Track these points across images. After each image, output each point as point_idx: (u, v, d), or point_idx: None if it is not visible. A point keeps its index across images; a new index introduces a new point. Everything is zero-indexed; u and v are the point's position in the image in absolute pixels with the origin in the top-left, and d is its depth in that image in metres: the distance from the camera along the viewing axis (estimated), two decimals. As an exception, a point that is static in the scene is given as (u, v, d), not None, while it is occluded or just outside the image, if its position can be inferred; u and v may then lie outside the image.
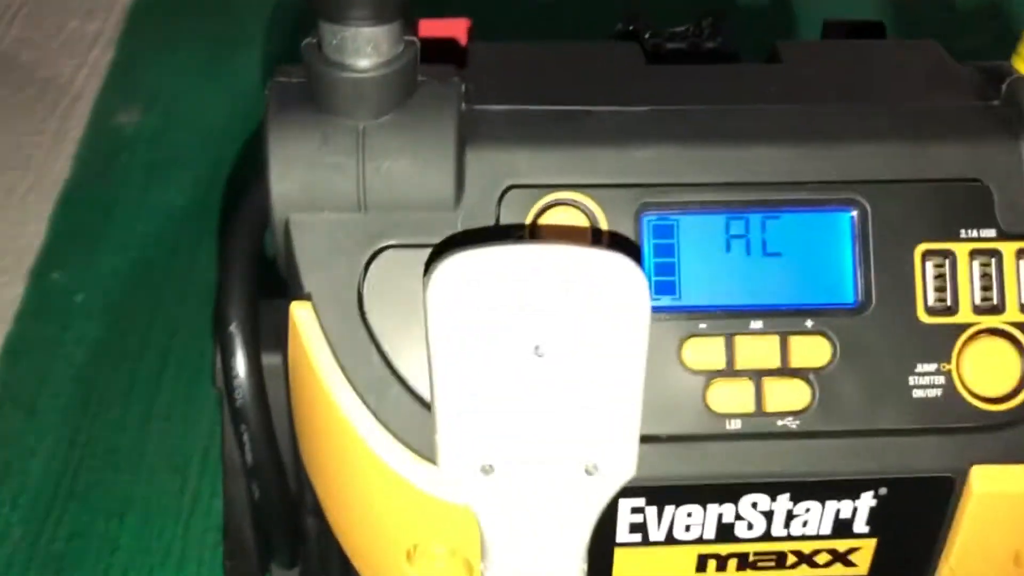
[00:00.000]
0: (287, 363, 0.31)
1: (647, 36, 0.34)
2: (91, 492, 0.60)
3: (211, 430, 0.64)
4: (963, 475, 0.29)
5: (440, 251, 0.26)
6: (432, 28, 0.32)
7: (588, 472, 0.24)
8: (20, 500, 0.59)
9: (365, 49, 0.26)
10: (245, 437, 0.32)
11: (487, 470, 0.24)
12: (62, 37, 0.95)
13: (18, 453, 0.62)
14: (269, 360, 0.32)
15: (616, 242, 0.28)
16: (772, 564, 0.30)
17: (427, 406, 0.27)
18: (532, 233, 0.28)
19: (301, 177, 0.27)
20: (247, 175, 0.72)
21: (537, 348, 0.23)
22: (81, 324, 0.70)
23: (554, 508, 0.24)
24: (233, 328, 0.31)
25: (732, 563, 0.30)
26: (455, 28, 0.33)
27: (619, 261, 0.23)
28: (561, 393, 0.23)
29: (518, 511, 0.24)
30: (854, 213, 0.29)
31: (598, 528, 0.27)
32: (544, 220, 0.28)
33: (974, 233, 0.29)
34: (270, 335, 0.32)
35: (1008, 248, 0.29)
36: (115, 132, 0.85)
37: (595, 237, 0.28)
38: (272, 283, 0.34)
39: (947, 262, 0.29)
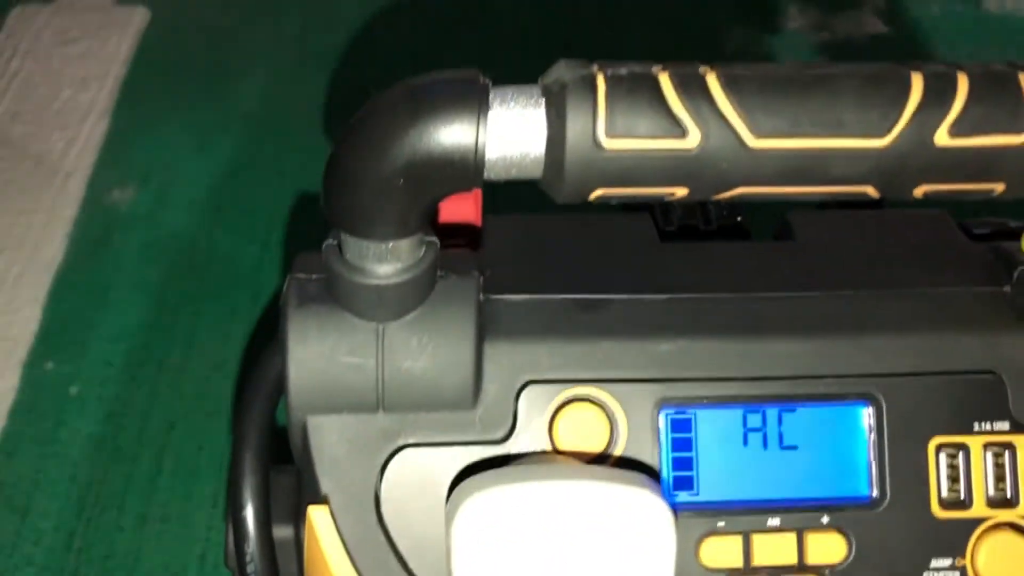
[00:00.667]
0: (300, 541, 0.31)
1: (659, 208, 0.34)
2: (87, 602, 0.59)
3: (207, 534, 0.64)
4: (980, 672, 0.29)
5: (463, 476, 0.26)
6: (448, 209, 0.32)
7: None
8: (13, 612, 0.59)
9: (386, 258, 0.27)
10: (257, 618, 0.31)
11: None
12: (55, 107, 0.95)
13: (14, 561, 0.61)
14: (281, 533, 0.32)
15: (634, 447, 0.28)
16: None
17: (445, 608, 0.27)
18: (550, 433, 0.28)
19: (320, 379, 0.27)
20: (259, 347, 0.71)
21: (563, 584, 0.23)
22: (75, 419, 0.70)
23: None
24: (247, 511, 0.31)
25: None
26: (466, 200, 0.33)
27: (646, 498, 0.23)
28: (587, 632, 0.23)
29: None
30: (869, 407, 0.29)
31: None
32: (562, 417, 0.28)
33: (988, 426, 0.29)
34: (280, 505, 0.32)
35: (1022, 441, 0.29)
36: (109, 211, 0.85)
37: (612, 439, 0.28)
38: (283, 448, 0.34)
39: (960, 455, 0.29)
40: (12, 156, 0.90)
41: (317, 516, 0.28)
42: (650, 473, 0.28)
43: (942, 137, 0.25)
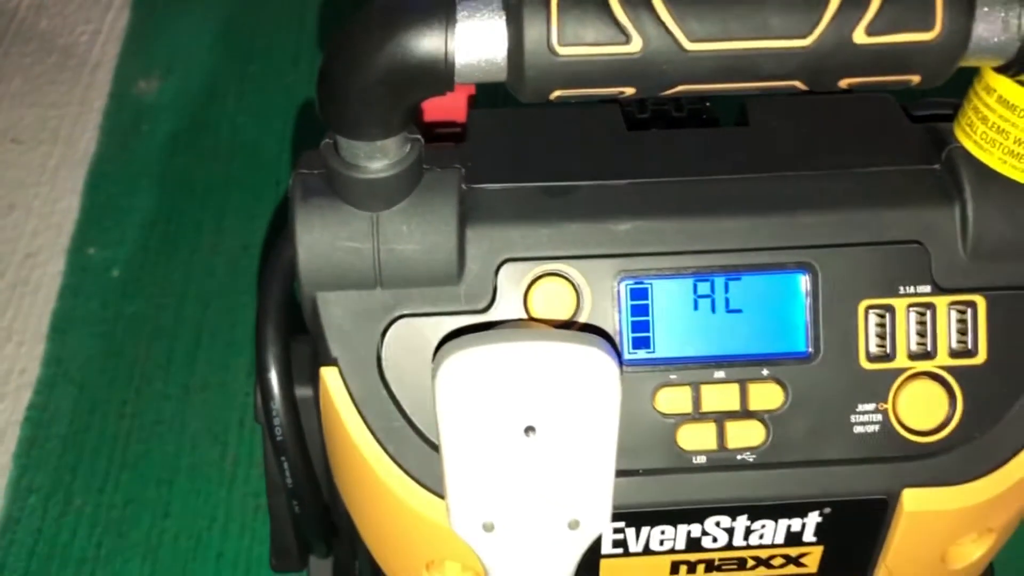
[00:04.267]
0: (318, 398, 0.36)
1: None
2: (141, 461, 0.66)
3: (246, 400, 0.70)
4: (895, 497, 0.34)
5: (448, 339, 0.31)
6: (435, 105, 0.36)
7: (571, 527, 0.29)
8: (79, 470, 0.66)
9: (375, 155, 0.31)
10: (285, 464, 0.37)
11: (488, 527, 0.29)
12: (76, 1, 0.97)
13: (74, 428, 0.68)
14: (302, 392, 0.37)
15: (598, 314, 0.32)
16: (735, 567, 0.35)
17: (438, 450, 0.32)
18: (525, 304, 0.32)
19: (325, 261, 0.32)
20: (274, 230, 0.75)
21: (528, 428, 0.28)
22: (119, 300, 0.76)
23: (544, 554, 0.29)
24: (271, 374, 0.36)
25: (700, 567, 0.35)
26: (456, 100, 0.36)
27: (596, 355, 0.27)
28: (548, 465, 0.28)
29: (514, 556, 0.29)
30: (806, 274, 0.33)
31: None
32: (535, 289, 0.33)
33: (912, 289, 0.33)
34: (301, 369, 0.37)
35: (941, 302, 0.33)
36: (136, 101, 0.89)
37: (579, 307, 0.32)
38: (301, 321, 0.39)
39: (887, 315, 0.33)
40: (40, 50, 0.93)
41: (329, 375, 0.33)
42: (611, 336, 0.32)
43: (860, 35, 0.28)
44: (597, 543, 0.34)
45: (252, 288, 0.76)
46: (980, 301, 0.33)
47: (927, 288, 0.33)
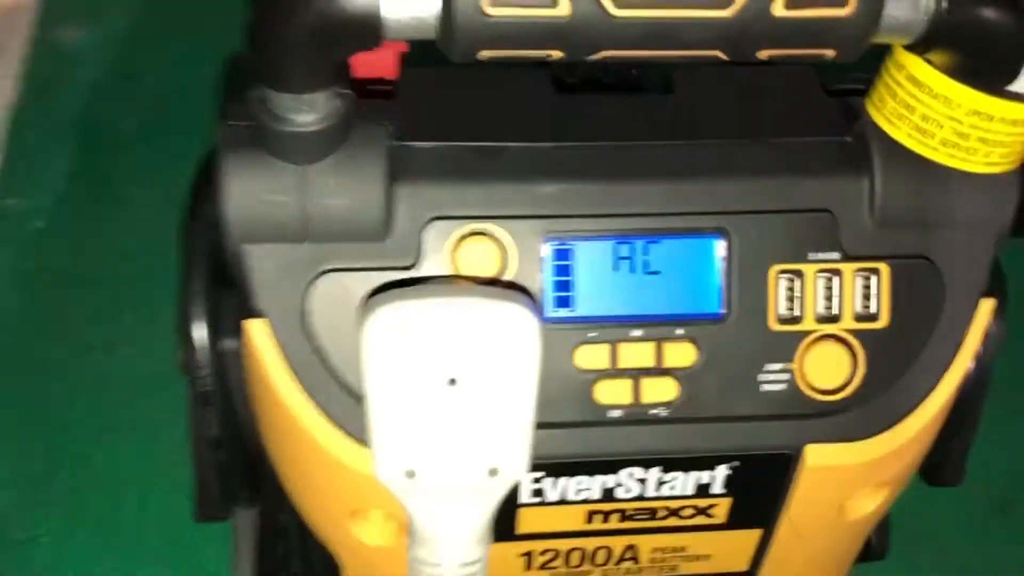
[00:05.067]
0: (243, 350, 0.36)
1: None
2: (64, 414, 0.65)
3: (172, 354, 0.70)
4: (798, 452, 0.35)
5: (374, 294, 0.31)
6: (365, 62, 0.36)
7: (491, 474, 0.30)
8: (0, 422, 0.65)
9: (303, 109, 0.31)
10: (209, 415, 0.37)
11: (411, 474, 0.30)
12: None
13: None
14: (228, 344, 0.38)
15: (523, 273, 0.33)
16: (647, 516, 0.37)
17: (363, 400, 0.32)
18: (452, 262, 0.33)
19: (251, 213, 0.32)
20: (200, 181, 0.74)
21: (451, 380, 0.29)
22: (39, 252, 0.74)
23: (464, 500, 0.31)
24: (196, 326, 0.36)
25: (615, 517, 0.37)
26: (386, 57, 0.36)
27: (518, 311, 0.28)
28: (470, 415, 0.29)
29: (436, 502, 0.30)
30: (721, 239, 0.34)
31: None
32: (462, 248, 0.33)
33: (821, 256, 0.35)
34: (227, 321, 0.38)
35: (848, 268, 0.35)
36: (58, 49, 0.86)
37: (504, 266, 0.33)
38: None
39: (796, 280, 0.35)
40: (-44, -7, 0.89)
41: (254, 328, 0.33)
42: (531, 294, 0.33)
43: (779, 8, 0.29)
44: (515, 492, 0.35)
45: (178, 241, 0.75)
46: (884, 268, 0.35)
47: (835, 255, 0.35)
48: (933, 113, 0.33)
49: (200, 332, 0.36)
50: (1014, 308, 0.38)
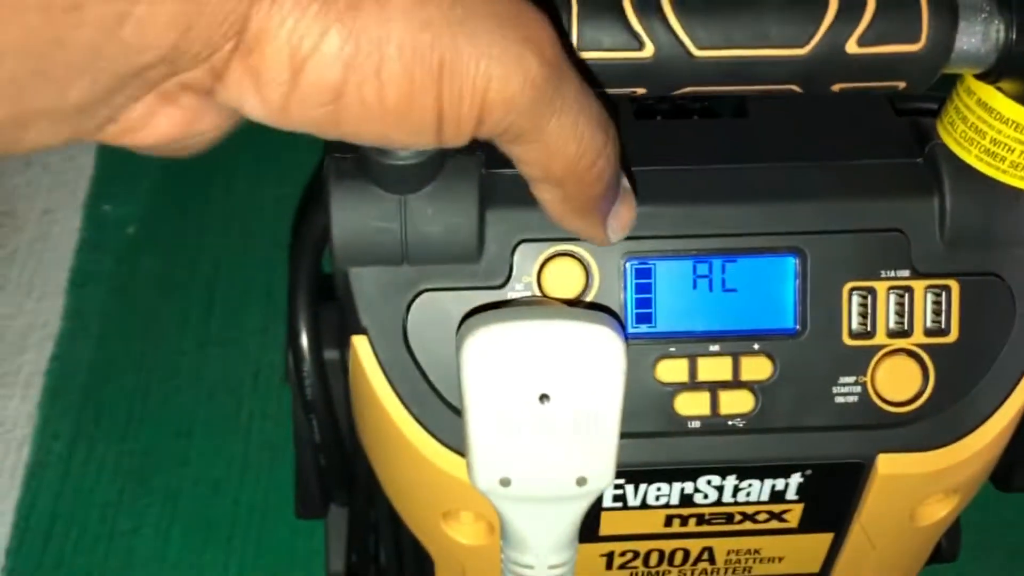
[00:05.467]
0: (343, 362, 0.39)
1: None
2: (159, 413, 0.70)
3: (259, 355, 0.74)
4: (871, 461, 0.37)
5: (470, 314, 0.34)
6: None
7: (579, 483, 0.32)
8: (101, 420, 0.69)
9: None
10: (313, 421, 0.40)
11: (505, 482, 0.32)
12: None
13: (94, 379, 0.71)
14: (329, 355, 0.40)
15: (605, 290, 0.35)
16: (723, 521, 0.39)
17: (458, 412, 0.35)
18: (539, 281, 0.35)
19: (357, 239, 0.35)
20: (308, 206, 0.78)
21: (543, 396, 0.31)
22: (134, 256, 0.78)
23: (553, 506, 0.33)
24: (303, 339, 0.39)
25: (692, 520, 0.39)
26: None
27: (604, 333, 0.31)
28: (560, 428, 0.31)
29: (528, 508, 0.33)
30: (796, 258, 0.36)
31: (589, 499, 0.36)
32: (549, 267, 0.36)
33: (892, 273, 0.36)
34: (329, 333, 0.41)
35: (918, 285, 0.36)
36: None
37: (587, 285, 0.35)
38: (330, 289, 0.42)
39: (869, 297, 0.36)
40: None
41: (359, 343, 0.36)
42: (616, 312, 0.36)
43: (852, 46, 0.31)
44: (599, 499, 0.37)
45: (262, 248, 0.79)
46: (954, 285, 0.36)
47: (906, 272, 0.36)
48: (1003, 137, 0.34)
49: (305, 344, 0.39)
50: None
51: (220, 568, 0.62)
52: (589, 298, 0.36)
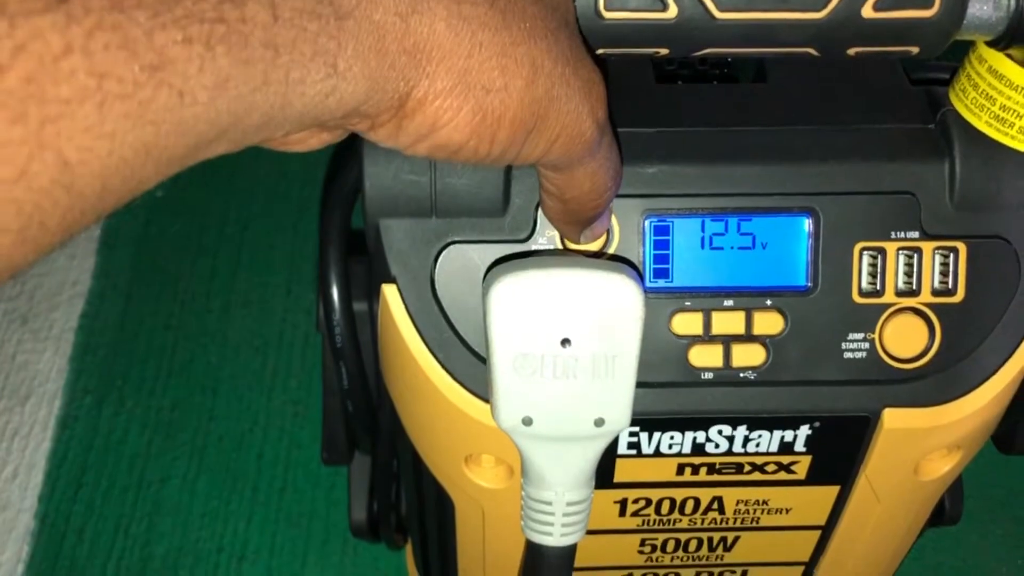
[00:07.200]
0: (372, 314, 0.41)
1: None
2: (186, 369, 0.72)
3: (284, 316, 0.76)
4: (877, 415, 0.38)
5: (495, 265, 0.35)
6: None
7: (597, 424, 0.34)
8: (129, 375, 0.71)
9: (437, 100, 0.35)
10: (342, 368, 0.42)
11: (527, 421, 0.34)
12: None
13: (123, 336, 0.73)
14: (358, 307, 0.42)
15: (625, 246, 0.37)
16: (733, 470, 0.41)
17: (481, 359, 0.37)
18: (562, 238, 0.37)
19: (388, 192, 0.36)
20: (337, 168, 0.79)
21: (564, 341, 0.33)
22: (162, 219, 0.80)
23: (572, 446, 0.35)
24: (333, 289, 0.41)
25: (703, 469, 0.41)
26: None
27: (624, 282, 0.32)
28: (581, 371, 0.33)
29: (547, 447, 0.35)
30: (809, 217, 0.37)
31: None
32: (571, 223, 0.37)
33: (902, 235, 0.38)
34: (358, 286, 0.42)
35: (927, 246, 0.38)
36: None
37: (608, 240, 0.37)
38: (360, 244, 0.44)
39: (879, 257, 0.38)
40: None
41: (389, 291, 0.37)
42: (635, 265, 0.37)
43: (867, 10, 0.32)
44: (614, 444, 0.39)
45: (287, 212, 0.80)
46: (961, 247, 0.38)
47: (916, 234, 0.38)
48: (1012, 104, 0.35)
49: (336, 294, 0.41)
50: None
51: (244, 518, 0.64)
52: (610, 252, 0.37)
